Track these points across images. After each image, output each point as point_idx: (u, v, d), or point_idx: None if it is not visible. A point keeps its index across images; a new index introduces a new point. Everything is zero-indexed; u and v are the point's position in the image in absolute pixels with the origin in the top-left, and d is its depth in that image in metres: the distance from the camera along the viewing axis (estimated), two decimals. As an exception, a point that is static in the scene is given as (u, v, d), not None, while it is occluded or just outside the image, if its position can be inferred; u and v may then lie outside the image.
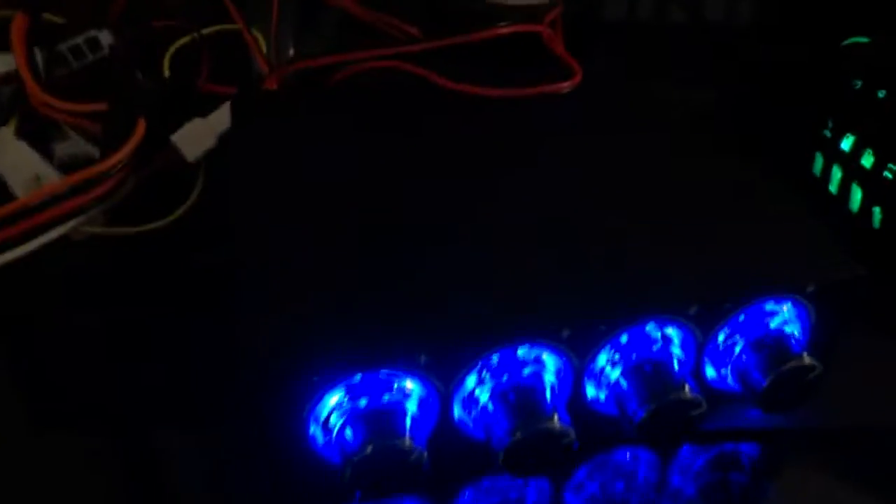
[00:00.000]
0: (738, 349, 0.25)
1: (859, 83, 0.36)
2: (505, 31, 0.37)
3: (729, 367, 0.26)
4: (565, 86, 0.35)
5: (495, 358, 0.23)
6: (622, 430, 0.24)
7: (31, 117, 0.35)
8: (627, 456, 0.26)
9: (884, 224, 0.34)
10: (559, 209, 0.27)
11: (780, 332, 0.25)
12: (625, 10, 0.49)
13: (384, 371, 0.22)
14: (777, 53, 0.45)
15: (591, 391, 0.25)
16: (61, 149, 0.35)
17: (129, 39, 0.38)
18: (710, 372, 0.26)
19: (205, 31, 0.39)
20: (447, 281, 0.24)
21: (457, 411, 0.24)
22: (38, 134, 0.35)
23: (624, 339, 0.24)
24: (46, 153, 0.34)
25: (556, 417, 0.23)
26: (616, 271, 0.25)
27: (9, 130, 0.34)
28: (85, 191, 0.31)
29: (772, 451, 0.27)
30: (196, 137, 0.34)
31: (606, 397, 0.25)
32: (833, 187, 0.37)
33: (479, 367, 0.23)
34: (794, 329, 0.26)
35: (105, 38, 0.38)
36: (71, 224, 0.31)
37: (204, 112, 0.35)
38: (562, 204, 0.28)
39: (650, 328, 0.24)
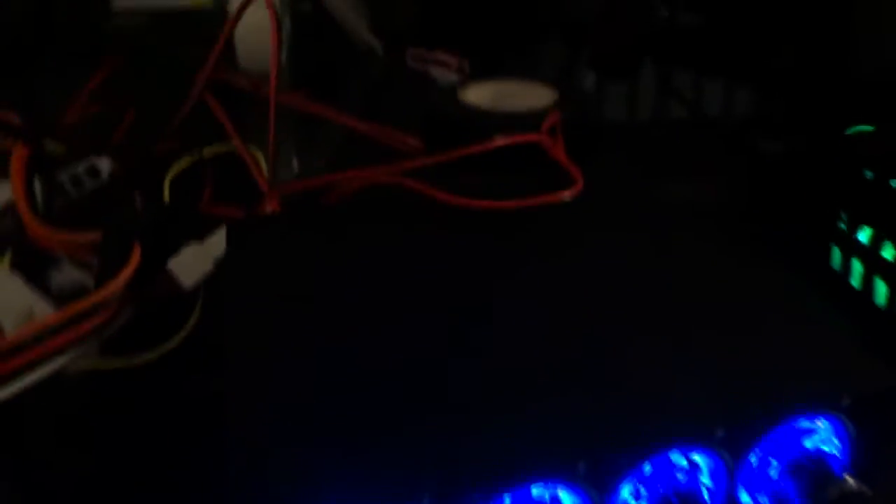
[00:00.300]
0: (773, 473, 0.23)
1: (870, 174, 0.35)
2: (504, 142, 0.37)
3: (766, 495, 0.24)
4: (567, 196, 0.34)
5: (507, 500, 0.21)
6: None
7: (26, 249, 0.34)
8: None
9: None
10: (569, 331, 0.26)
11: (818, 452, 0.23)
12: (624, 110, 0.50)
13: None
14: (780, 145, 0.45)
15: (615, 527, 0.23)
16: (57, 278, 0.35)
17: (130, 166, 0.38)
18: (745, 499, 0.24)
19: (206, 153, 0.39)
20: (454, 417, 0.23)
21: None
22: (34, 265, 0.34)
23: (647, 469, 0.22)
24: (42, 283, 0.34)
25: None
26: (633, 396, 0.23)
27: (2, 265, 0.33)
28: (79, 323, 0.30)
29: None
30: (193, 263, 0.33)
31: (633, 535, 0.23)
32: (855, 281, 0.35)
33: (490, 509, 0.21)
34: (832, 447, 0.24)
35: (105, 165, 0.38)
36: (64, 358, 0.30)
37: (201, 236, 0.34)
38: (572, 325, 0.26)
39: (675, 456, 0.23)
